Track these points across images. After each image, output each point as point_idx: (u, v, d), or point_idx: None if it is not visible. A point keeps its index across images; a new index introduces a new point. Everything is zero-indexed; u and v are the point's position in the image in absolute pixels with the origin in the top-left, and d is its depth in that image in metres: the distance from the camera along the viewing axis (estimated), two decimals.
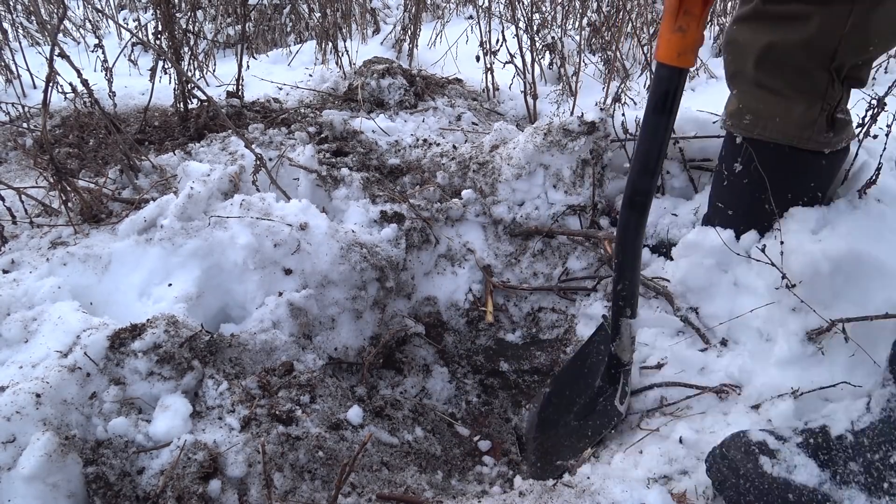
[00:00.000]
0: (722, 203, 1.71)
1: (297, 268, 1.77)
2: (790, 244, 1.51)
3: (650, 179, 1.26)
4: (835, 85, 1.49)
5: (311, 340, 1.75)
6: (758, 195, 1.59)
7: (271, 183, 2.07)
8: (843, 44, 1.41)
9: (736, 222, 1.67)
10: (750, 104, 1.57)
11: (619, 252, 1.35)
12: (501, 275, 2.08)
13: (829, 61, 1.45)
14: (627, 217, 1.31)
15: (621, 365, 1.46)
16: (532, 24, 3.01)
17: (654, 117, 1.21)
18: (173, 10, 2.66)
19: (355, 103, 2.93)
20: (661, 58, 1.17)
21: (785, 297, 1.48)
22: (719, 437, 1.34)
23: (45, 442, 1.21)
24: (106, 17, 4.53)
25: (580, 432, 1.53)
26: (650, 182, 1.26)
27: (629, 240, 1.33)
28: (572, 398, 1.63)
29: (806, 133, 1.53)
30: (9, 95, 3.09)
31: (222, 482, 1.29)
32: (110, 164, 2.35)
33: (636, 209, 1.29)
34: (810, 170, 1.60)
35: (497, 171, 2.16)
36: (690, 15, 1.12)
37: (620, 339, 1.43)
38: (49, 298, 1.57)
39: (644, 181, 1.26)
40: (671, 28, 1.14)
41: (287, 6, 4.40)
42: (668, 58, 1.16)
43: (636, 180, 1.27)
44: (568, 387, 1.68)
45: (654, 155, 1.23)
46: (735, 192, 1.67)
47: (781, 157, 1.57)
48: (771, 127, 1.55)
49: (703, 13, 1.12)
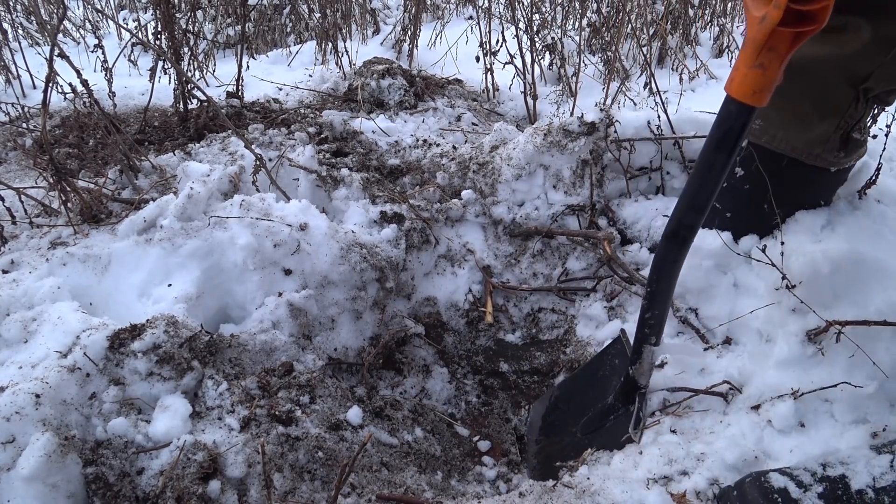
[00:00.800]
0: (720, 205, 1.70)
1: (297, 268, 1.77)
2: (790, 245, 1.51)
3: (697, 216, 1.20)
4: (858, 104, 1.43)
5: (310, 341, 1.75)
6: (758, 201, 1.57)
7: (271, 183, 2.07)
8: (881, 69, 1.36)
9: (734, 225, 1.67)
10: (763, 110, 1.54)
11: (653, 281, 1.31)
12: (501, 275, 2.08)
13: (859, 81, 1.39)
14: (667, 249, 1.26)
15: (637, 388, 1.44)
16: (532, 24, 3.01)
17: (714, 154, 1.14)
18: (173, 11, 2.66)
19: (355, 104, 2.93)
20: (734, 93, 1.09)
21: (785, 298, 1.48)
22: (719, 438, 1.34)
23: (45, 442, 1.21)
24: (106, 17, 4.53)
25: (585, 447, 1.50)
26: (697, 218, 1.20)
27: (665, 272, 1.28)
28: (581, 408, 1.60)
29: (816, 150, 1.49)
30: (8, 96, 3.08)
31: (222, 482, 1.29)
32: (110, 164, 2.34)
33: (677, 242, 1.24)
34: (814, 183, 1.57)
35: (497, 171, 2.16)
36: (775, 52, 1.04)
37: (641, 363, 1.40)
38: (49, 299, 1.57)
39: (691, 217, 1.20)
40: (750, 63, 1.06)
41: (287, 6, 4.40)
42: (742, 94, 1.08)
43: (683, 215, 1.21)
44: (577, 395, 1.66)
45: (706, 192, 1.17)
46: (734, 196, 1.65)
47: (786, 167, 1.54)
48: (781, 137, 1.51)
49: (788, 52, 1.04)
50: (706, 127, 2.04)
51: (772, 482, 1.13)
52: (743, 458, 1.28)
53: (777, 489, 1.12)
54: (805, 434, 1.32)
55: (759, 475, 1.17)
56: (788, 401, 1.34)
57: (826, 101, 1.44)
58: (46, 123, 1.91)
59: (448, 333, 2.02)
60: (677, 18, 3.57)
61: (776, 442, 1.31)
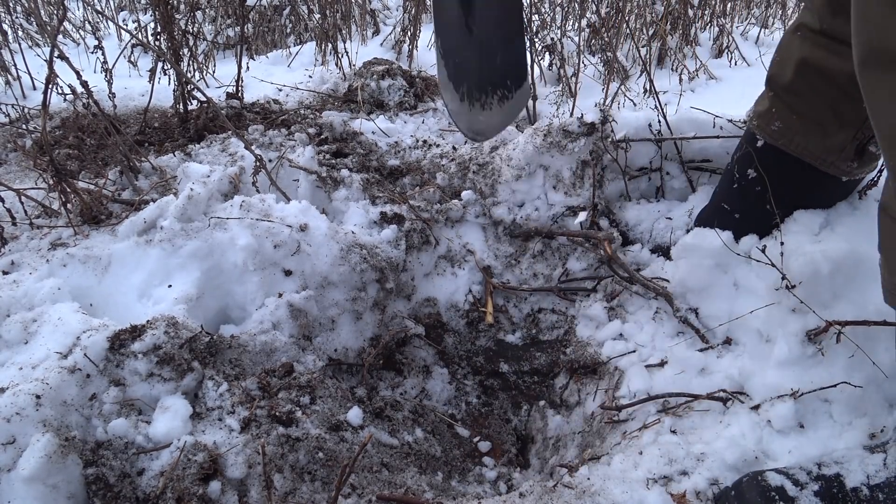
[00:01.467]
0: (728, 205, 1.69)
1: (297, 269, 1.77)
2: (790, 245, 1.51)
3: None
4: None
5: (310, 342, 1.75)
6: (769, 202, 1.57)
7: (271, 184, 2.07)
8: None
9: (740, 225, 1.66)
10: (783, 112, 1.52)
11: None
12: (501, 276, 2.08)
13: None
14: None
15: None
16: (531, 25, 3.02)
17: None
18: (172, 12, 2.66)
19: (355, 104, 2.93)
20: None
21: (785, 298, 1.48)
22: (719, 438, 1.34)
23: (45, 443, 1.21)
24: (106, 18, 4.53)
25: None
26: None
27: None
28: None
29: (830, 157, 1.50)
30: (8, 97, 3.09)
31: (222, 483, 1.29)
32: (110, 165, 2.35)
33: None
34: (822, 189, 1.58)
35: (497, 172, 2.16)
36: None
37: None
38: (49, 300, 1.57)
39: None
40: None
41: (287, 7, 4.41)
42: None
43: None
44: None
45: None
46: (744, 196, 1.65)
47: (799, 170, 1.55)
48: (798, 142, 1.52)
49: None
50: (706, 127, 2.04)
51: (769, 481, 1.15)
52: (743, 459, 1.28)
53: (774, 487, 1.13)
54: (804, 435, 1.32)
55: (756, 475, 1.18)
56: (788, 401, 1.34)
57: (845, 111, 1.45)
58: (47, 124, 1.91)
59: (448, 334, 2.02)
60: (677, 19, 3.57)
61: (775, 442, 1.31)
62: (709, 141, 2.04)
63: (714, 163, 2.07)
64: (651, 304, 1.79)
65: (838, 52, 1.40)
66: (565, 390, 1.83)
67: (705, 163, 2.09)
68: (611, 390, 1.66)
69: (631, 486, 1.25)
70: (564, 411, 1.80)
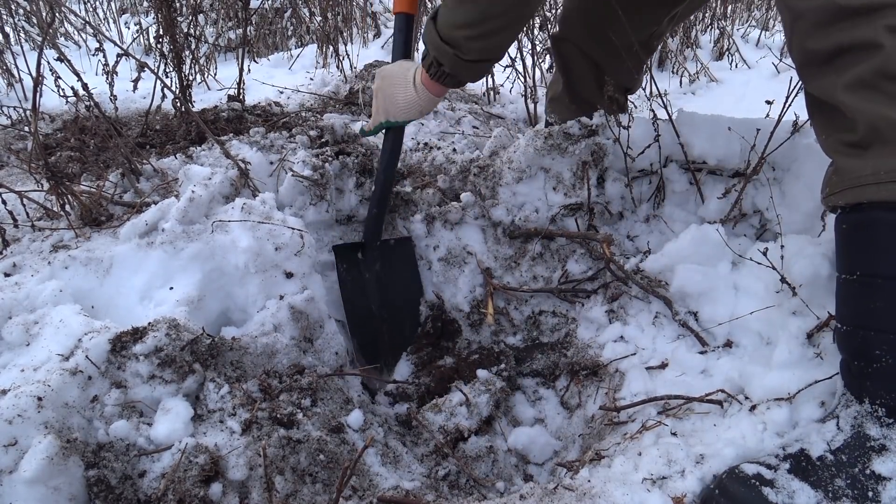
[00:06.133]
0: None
1: (298, 271, 1.77)
2: (790, 247, 1.51)
3: None
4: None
5: (312, 344, 1.75)
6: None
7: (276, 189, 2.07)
8: None
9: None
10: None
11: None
12: (501, 278, 2.08)
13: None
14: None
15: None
16: (532, 27, 3.02)
17: None
18: (174, 15, 2.67)
19: (356, 107, 2.93)
20: None
21: (785, 300, 1.48)
22: (719, 439, 1.34)
23: (47, 445, 1.21)
24: (108, 20, 4.55)
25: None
26: None
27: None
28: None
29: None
30: (10, 99, 3.10)
31: (223, 485, 1.29)
32: (112, 167, 2.35)
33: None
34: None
35: (498, 174, 2.16)
36: None
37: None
38: (51, 302, 1.57)
39: None
40: None
41: (288, 10, 4.42)
42: None
43: None
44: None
45: None
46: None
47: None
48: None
49: None
50: (705, 128, 2.04)
51: (745, 471, 1.20)
52: (743, 460, 1.28)
53: (752, 475, 1.19)
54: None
55: (732, 469, 1.23)
56: (786, 403, 1.34)
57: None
58: (39, 127, 1.91)
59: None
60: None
61: (775, 443, 1.31)
62: (712, 143, 2.03)
63: (712, 163, 2.06)
64: (651, 307, 1.79)
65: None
66: (566, 392, 1.83)
67: (705, 164, 2.08)
68: (611, 392, 1.66)
69: (632, 489, 1.25)
70: (566, 413, 1.80)
